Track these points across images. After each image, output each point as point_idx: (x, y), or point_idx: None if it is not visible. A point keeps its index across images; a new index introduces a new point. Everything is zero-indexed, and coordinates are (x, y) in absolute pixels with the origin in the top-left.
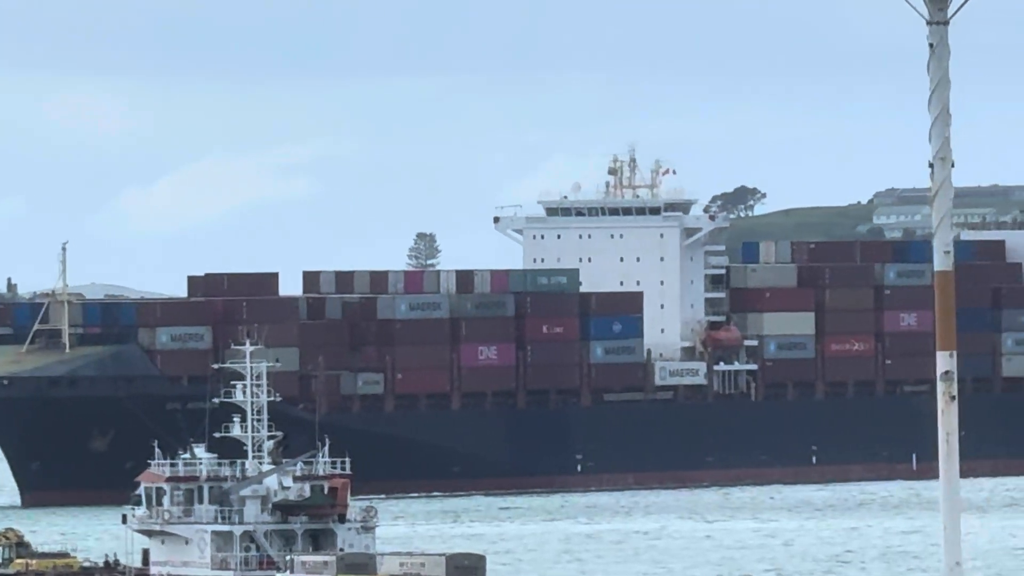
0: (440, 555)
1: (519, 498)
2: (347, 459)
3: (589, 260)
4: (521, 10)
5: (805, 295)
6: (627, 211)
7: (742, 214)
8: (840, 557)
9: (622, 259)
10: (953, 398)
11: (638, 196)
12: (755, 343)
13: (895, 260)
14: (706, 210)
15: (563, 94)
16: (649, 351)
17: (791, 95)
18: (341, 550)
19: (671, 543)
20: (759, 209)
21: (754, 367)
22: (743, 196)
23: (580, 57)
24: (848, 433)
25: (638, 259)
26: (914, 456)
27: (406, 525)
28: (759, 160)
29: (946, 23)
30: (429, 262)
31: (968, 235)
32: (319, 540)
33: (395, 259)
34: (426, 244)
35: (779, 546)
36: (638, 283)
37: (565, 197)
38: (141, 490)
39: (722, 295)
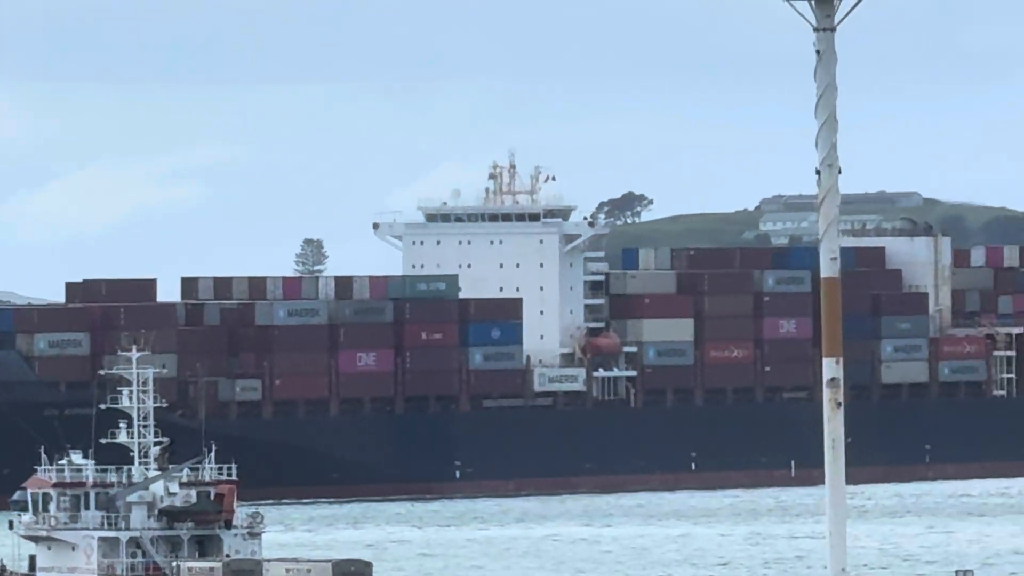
0: (327, 561)
1: (400, 504)
2: (233, 465)
3: (469, 266)
4: (409, 17)
5: (684, 302)
6: (507, 217)
7: (629, 220)
8: (730, 562)
9: (502, 265)
10: (839, 404)
11: (518, 202)
12: (634, 349)
13: (774, 267)
14: (596, 215)
15: (452, 101)
16: (528, 357)
17: (679, 101)
18: (227, 556)
19: (557, 547)
20: (646, 215)
21: (633, 373)
22: (630, 202)
23: (468, 64)
24: (727, 440)
25: (518, 265)
26: (792, 463)
27: (286, 531)
28: (646, 167)
29: (833, 29)
30: (316, 268)
31: (848, 242)
32: (205, 546)
33: (282, 265)
34: (313, 250)
35: (664, 551)
36: (517, 289)
37: (445, 203)
38: (25, 496)
39: (601, 301)
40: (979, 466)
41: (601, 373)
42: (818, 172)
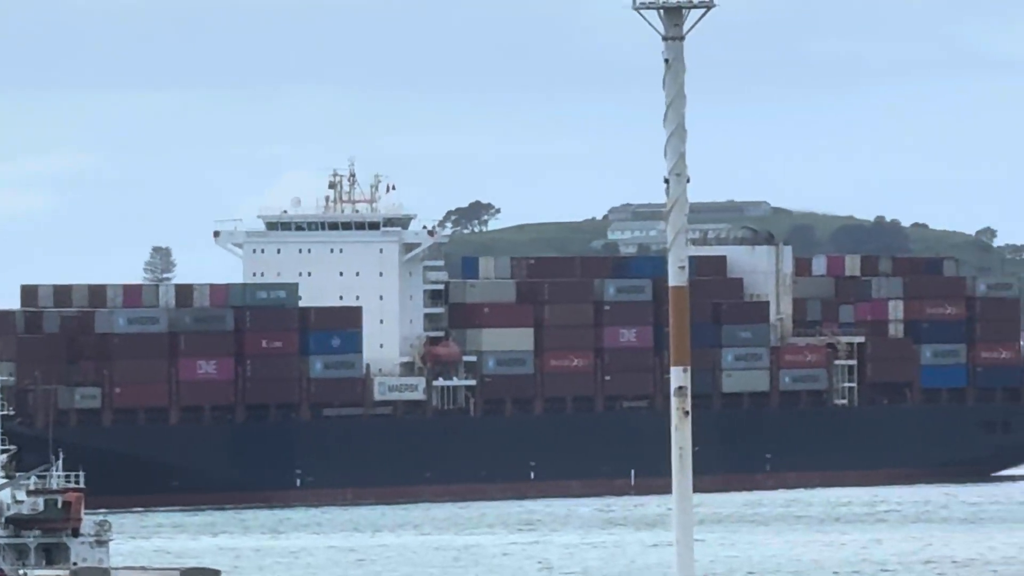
0: (175, 570)
1: (242, 512)
2: (82, 473)
3: (309, 275)
4: (256, 26)
5: (524, 311)
6: (346, 226)
7: (476, 229)
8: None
9: (341, 274)
10: (687, 413)
11: (357, 211)
12: (474, 359)
13: (614, 276)
14: (443, 224)
15: (298, 110)
16: (368, 366)
17: (527, 110)
18: (74, 564)
19: (402, 556)
20: (493, 224)
21: (473, 383)
22: (477, 211)
23: (314, 73)
24: (567, 449)
25: (357, 274)
26: (633, 472)
27: (128, 539)
28: (493, 175)
29: (681, 39)
30: (165, 276)
31: (690, 251)
32: (52, 554)
33: (132, 273)
34: (162, 258)
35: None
36: (357, 298)
37: (285, 212)
38: None
39: (441, 310)
40: (819, 475)
41: (441, 382)
42: (666, 181)
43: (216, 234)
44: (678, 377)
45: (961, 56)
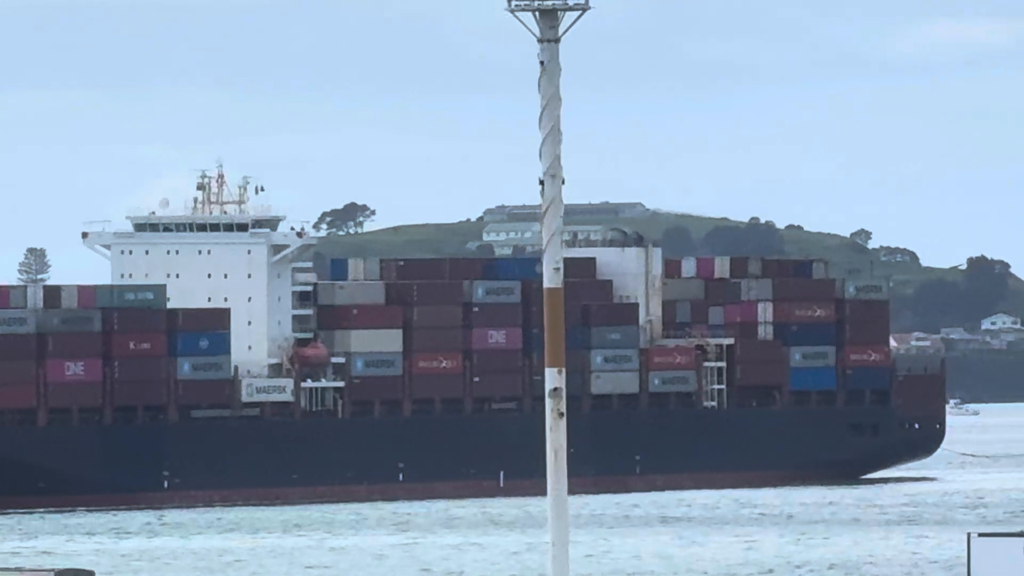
0: (48, 571)
1: (112, 514)
2: None
3: (177, 276)
4: (128, 27)
5: (393, 312)
6: (214, 227)
7: (351, 231)
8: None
9: (210, 275)
10: (562, 415)
11: (226, 212)
12: (342, 360)
13: (484, 278)
14: (319, 226)
15: (171, 111)
16: (236, 368)
17: (402, 111)
18: None
19: (275, 557)
20: (369, 225)
21: (341, 384)
22: (352, 213)
23: (188, 74)
24: (435, 450)
25: (226, 276)
26: (501, 473)
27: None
28: (369, 177)
29: (557, 41)
30: (40, 276)
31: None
32: None
33: (6, 274)
34: (36, 259)
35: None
36: (226, 299)
37: (153, 213)
38: None
39: (310, 312)
40: (689, 477)
41: (309, 384)
42: (541, 182)
43: (84, 235)
44: (553, 379)
45: (836, 58)
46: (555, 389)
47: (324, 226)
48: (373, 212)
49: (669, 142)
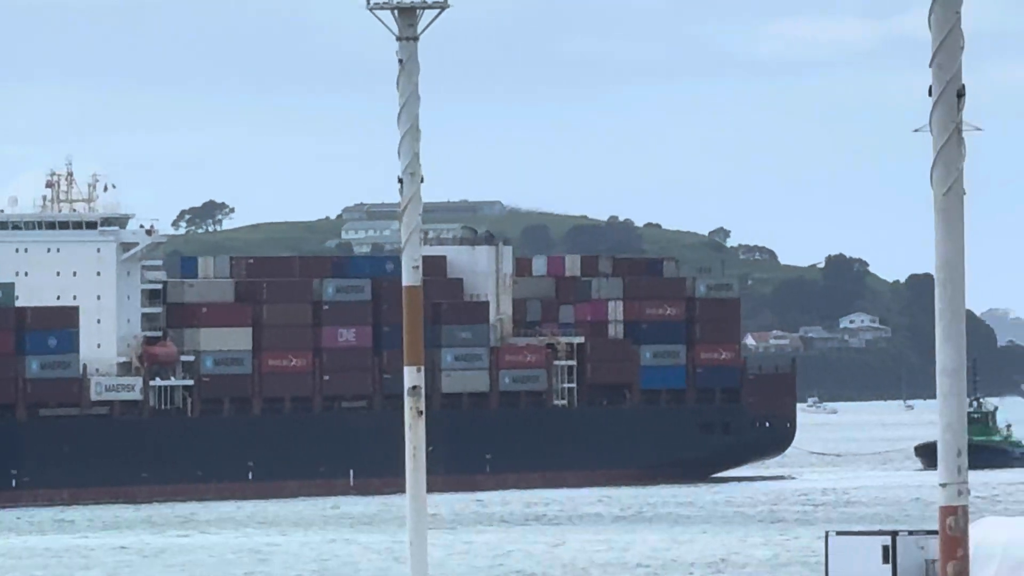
0: None
1: None
2: None
3: (26, 274)
4: None
5: (242, 310)
6: (63, 225)
7: (210, 228)
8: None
9: (59, 273)
10: (421, 413)
11: (75, 211)
12: (192, 358)
13: (334, 276)
14: (178, 224)
15: (28, 108)
16: (85, 366)
17: (261, 109)
18: None
19: (131, 555)
20: (228, 223)
21: (190, 382)
22: (211, 211)
23: (46, 72)
24: (285, 449)
25: (75, 273)
26: (352, 472)
27: None
28: (228, 175)
29: (416, 39)
30: None
31: None
32: None
33: None
34: None
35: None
36: (75, 297)
37: (1, 211)
38: None
39: (159, 310)
40: (540, 476)
41: (158, 382)
42: (400, 180)
43: None
44: (411, 377)
45: (701, 58)
46: (414, 387)
47: (183, 224)
48: (232, 210)
49: (528, 140)
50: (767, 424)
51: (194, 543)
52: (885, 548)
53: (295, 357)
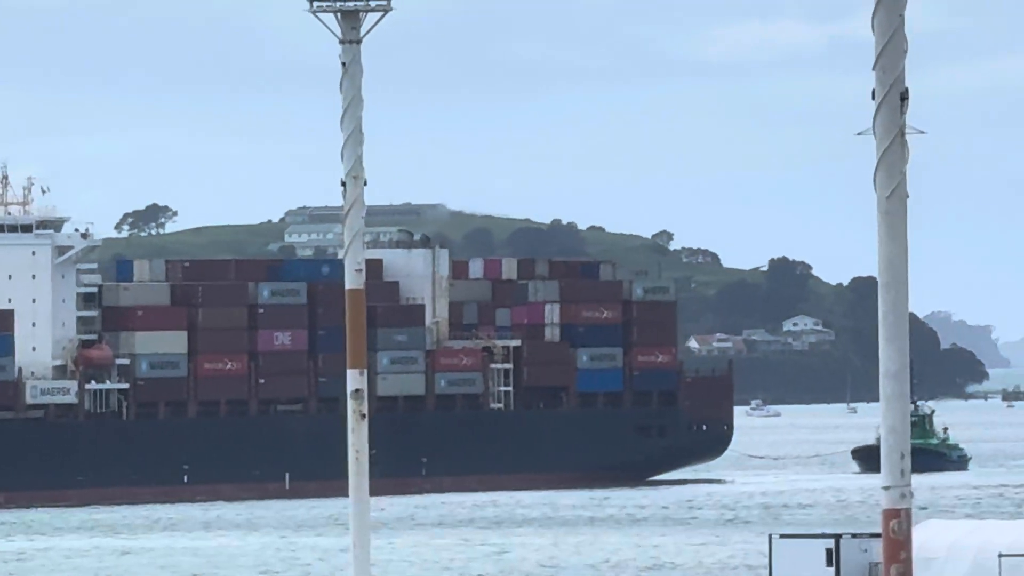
0: None
1: None
2: None
3: None
4: None
5: (178, 314)
6: None
7: (154, 232)
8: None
9: None
10: (364, 416)
11: (10, 213)
12: (127, 362)
13: (269, 279)
14: (126, 225)
15: None
16: (20, 369)
17: (205, 112)
18: None
19: (69, 559)
20: (171, 227)
21: (126, 386)
22: (154, 214)
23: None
24: (221, 452)
25: (10, 277)
26: (287, 475)
27: None
28: (171, 178)
29: (359, 42)
30: None
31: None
32: None
33: None
34: None
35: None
36: (10, 300)
37: None
38: None
39: (94, 313)
40: (476, 479)
41: (93, 385)
42: (343, 184)
43: None
44: (355, 380)
45: (645, 61)
46: (357, 390)
47: (125, 227)
48: (175, 213)
49: (472, 144)
50: (704, 427)
51: (136, 546)
52: (829, 551)
53: (231, 360)
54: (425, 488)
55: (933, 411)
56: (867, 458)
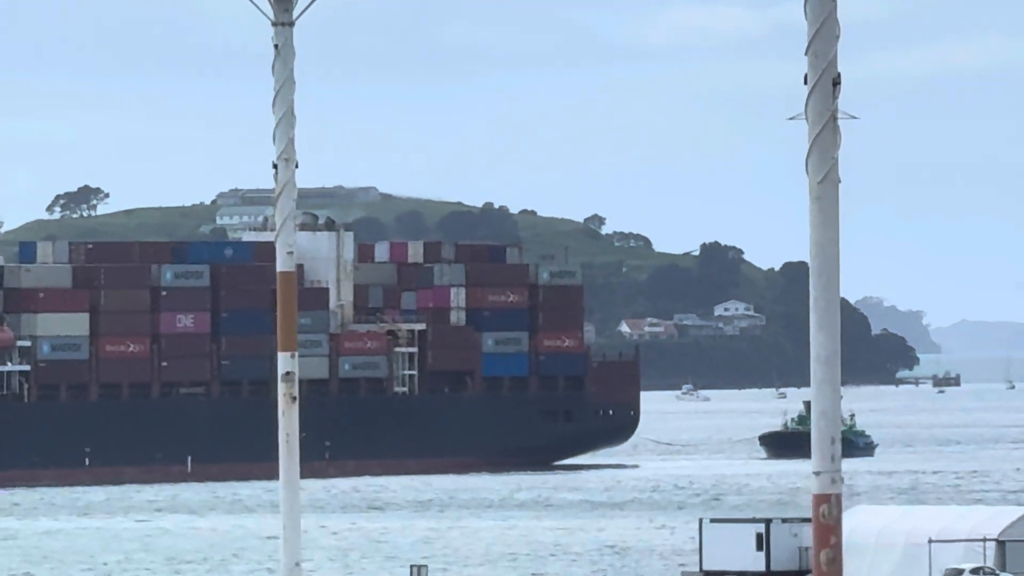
0: None
1: None
2: None
3: None
4: None
5: (80, 296)
6: None
7: (85, 214)
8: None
9: None
10: (294, 399)
11: None
12: (28, 344)
13: (173, 261)
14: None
15: None
16: None
17: (137, 94)
18: None
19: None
20: (103, 208)
21: (27, 368)
22: (86, 196)
23: None
24: (123, 435)
25: None
26: (189, 458)
27: None
28: (103, 159)
29: (291, 24)
30: None
31: (250, 236)
32: None
33: None
34: None
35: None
36: None
37: None
38: None
39: None
40: (380, 463)
41: None
42: (275, 166)
43: None
44: (285, 362)
45: (583, 46)
46: (288, 373)
47: (57, 209)
48: (107, 195)
49: (404, 127)
50: (610, 412)
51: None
52: (759, 535)
53: (133, 343)
54: (329, 472)
55: (841, 397)
56: (774, 444)
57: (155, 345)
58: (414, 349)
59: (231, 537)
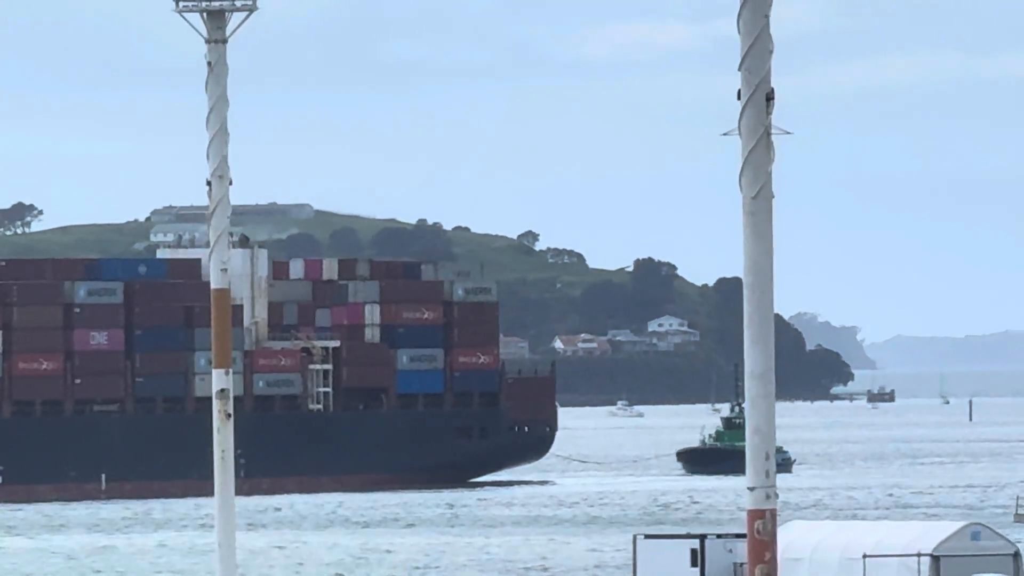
0: None
1: None
2: None
3: None
4: None
5: None
6: None
7: (19, 231)
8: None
9: None
10: (229, 416)
11: None
12: None
13: (87, 278)
14: None
15: None
16: None
17: (70, 111)
18: None
19: None
20: (36, 226)
21: None
22: (20, 212)
23: None
24: (36, 453)
25: None
26: (103, 476)
27: None
28: (37, 176)
29: (224, 42)
30: None
31: (164, 253)
32: None
33: None
34: None
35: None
36: None
37: None
38: None
39: None
40: (295, 481)
41: None
42: (209, 183)
43: None
44: (220, 379)
45: (521, 61)
46: (222, 390)
47: None
48: (41, 212)
49: (338, 143)
50: (526, 429)
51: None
52: (694, 551)
53: (46, 360)
54: (243, 490)
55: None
56: (691, 460)
57: (68, 362)
58: (329, 366)
59: (154, 555)
